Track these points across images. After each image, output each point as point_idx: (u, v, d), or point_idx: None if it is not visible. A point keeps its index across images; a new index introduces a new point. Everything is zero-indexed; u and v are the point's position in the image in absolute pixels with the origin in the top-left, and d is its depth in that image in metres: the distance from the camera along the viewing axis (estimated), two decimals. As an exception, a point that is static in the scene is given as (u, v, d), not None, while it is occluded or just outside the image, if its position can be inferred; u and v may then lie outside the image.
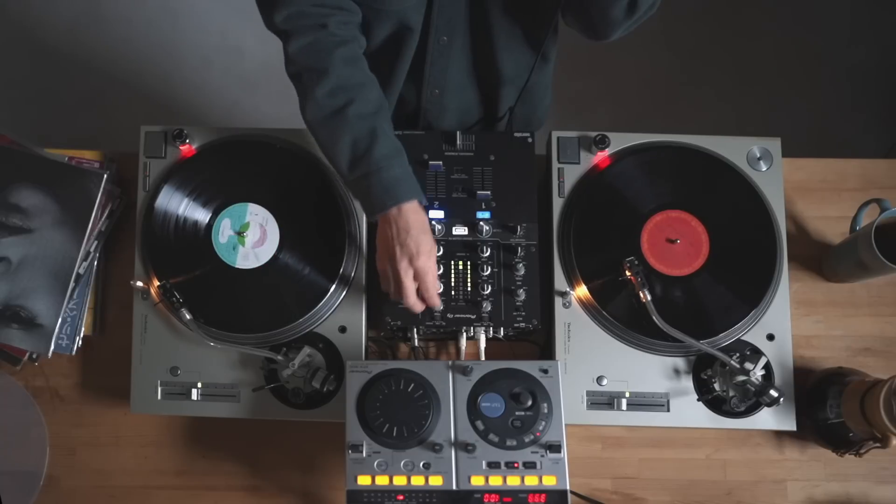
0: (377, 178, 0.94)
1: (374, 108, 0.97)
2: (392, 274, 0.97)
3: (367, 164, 0.94)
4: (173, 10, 2.41)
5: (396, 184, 0.95)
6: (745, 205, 1.09)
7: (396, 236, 0.95)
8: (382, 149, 0.94)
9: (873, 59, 2.35)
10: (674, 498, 1.11)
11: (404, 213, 0.95)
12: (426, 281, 0.97)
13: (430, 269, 0.97)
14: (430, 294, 0.98)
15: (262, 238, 1.07)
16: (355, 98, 0.95)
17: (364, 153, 0.94)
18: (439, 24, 1.02)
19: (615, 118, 2.30)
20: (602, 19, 0.95)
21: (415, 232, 0.95)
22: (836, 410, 1.03)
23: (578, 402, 1.04)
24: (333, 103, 0.95)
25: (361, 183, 0.95)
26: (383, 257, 0.98)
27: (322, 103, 0.95)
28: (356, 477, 0.93)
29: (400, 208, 0.94)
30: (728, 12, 2.39)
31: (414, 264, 0.95)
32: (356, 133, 0.94)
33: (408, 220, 0.95)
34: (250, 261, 1.06)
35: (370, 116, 0.96)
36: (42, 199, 1.11)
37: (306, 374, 1.04)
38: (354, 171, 0.95)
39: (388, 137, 0.96)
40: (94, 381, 1.15)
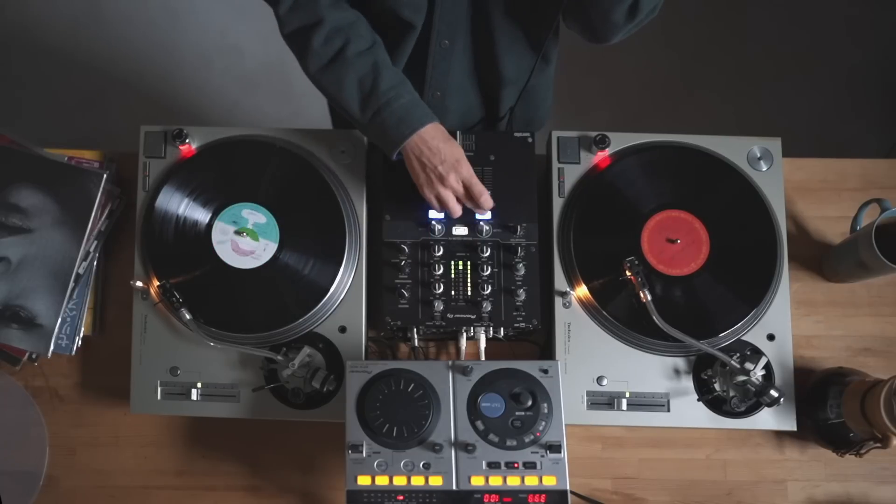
0: (389, 111, 0.96)
1: (369, 43, 0.99)
2: (446, 192, 1.00)
3: (376, 99, 0.96)
4: (173, 10, 2.41)
5: (409, 110, 0.97)
6: (746, 205, 1.09)
7: (433, 156, 0.97)
8: (388, 80, 0.97)
9: (873, 59, 2.35)
10: (674, 498, 1.11)
11: (428, 134, 0.97)
12: (476, 185, 1.00)
13: (473, 174, 1.00)
14: (485, 196, 1.01)
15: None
16: (351, 38, 0.97)
17: (371, 89, 0.96)
18: (441, 27, 1.03)
19: (615, 118, 2.30)
20: (603, 23, 0.96)
21: (444, 146, 0.98)
22: (836, 410, 1.03)
23: (578, 402, 1.04)
24: (331, 49, 0.97)
25: (376, 120, 0.97)
26: (429, 183, 1.00)
27: (321, 52, 0.97)
28: (356, 477, 0.93)
29: (421, 132, 0.97)
30: (728, 12, 2.39)
31: (461, 173, 0.99)
32: (360, 71, 0.97)
33: (435, 138, 0.97)
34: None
35: (368, 52, 0.98)
36: (42, 199, 1.11)
37: (306, 374, 1.04)
38: (367, 109, 0.97)
39: (388, 67, 0.99)
40: (93, 381, 1.15)
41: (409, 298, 1.04)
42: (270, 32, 1.01)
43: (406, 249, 1.05)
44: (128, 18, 2.40)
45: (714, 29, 2.38)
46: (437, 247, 1.05)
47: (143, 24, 2.40)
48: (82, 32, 2.39)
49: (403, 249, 1.05)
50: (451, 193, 1.00)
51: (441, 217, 1.07)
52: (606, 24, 0.96)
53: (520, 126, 1.25)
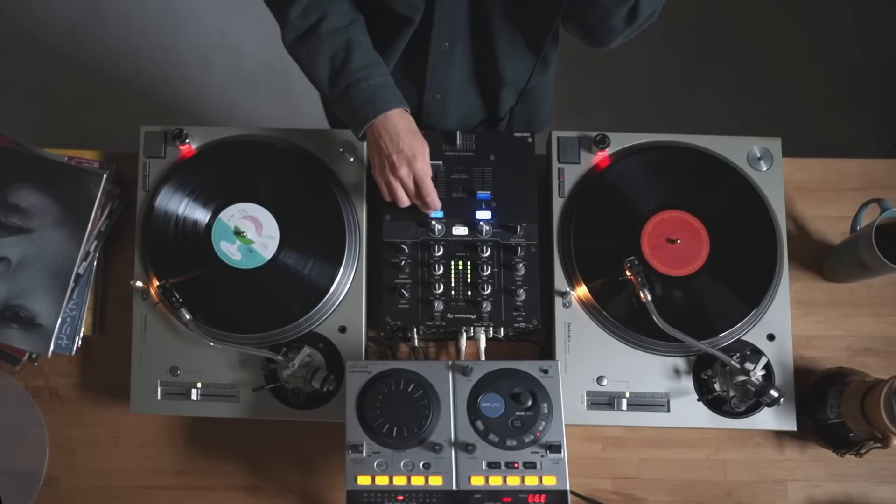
0: (357, 90, 0.96)
1: (346, 21, 0.99)
2: (395, 181, 0.99)
3: (346, 76, 0.96)
4: (173, 11, 2.41)
5: (377, 92, 0.96)
6: (746, 205, 1.09)
7: (391, 143, 0.96)
8: (359, 60, 0.96)
9: (873, 59, 2.35)
10: (674, 498, 1.11)
11: (392, 120, 0.96)
12: (426, 185, 0.99)
13: (427, 172, 0.99)
14: (432, 197, 1.00)
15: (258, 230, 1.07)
16: (327, 13, 0.97)
17: (342, 66, 0.96)
18: (441, 29, 1.02)
19: (615, 118, 2.30)
20: (601, 27, 0.96)
21: (406, 136, 0.96)
22: (836, 410, 1.03)
23: (578, 402, 1.04)
24: (307, 22, 0.97)
25: (343, 98, 0.97)
26: (381, 168, 0.99)
27: (297, 24, 0.97)
28: (356, 477, 0.93)
29: (386, 116, 0.96)
30: (728, 12, 2.39)
31: (413, 168, 0.97)
32: (332, 48, 0.97)
33: (396, 126, 0.96)
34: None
35: (343, 29, 0.98)
36: (42, 199, 1.11)
37: (306, 374, 1.04)
38: (335, 86, 0.97)
39: (363, 48, 0.98)
40: (93, 381, 1.15)
41: (409, 298, 1.04)
42: (270, 32, 1.01)
43: (406, 249, 1.05)
44: (128, 18, 2.40)
45: (714, 29, 2.38)
46: (437, 247, 1.05)
47: (142, 24, 2.40)
48: (82, 32, 2.39)
49: (403, 249, 1.05)
50: (398, 184, 0.99)
51: (441, 217, 1.07)
52: (605, 29, 0.96)
53: (520, 127, 1.25)
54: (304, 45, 0.98)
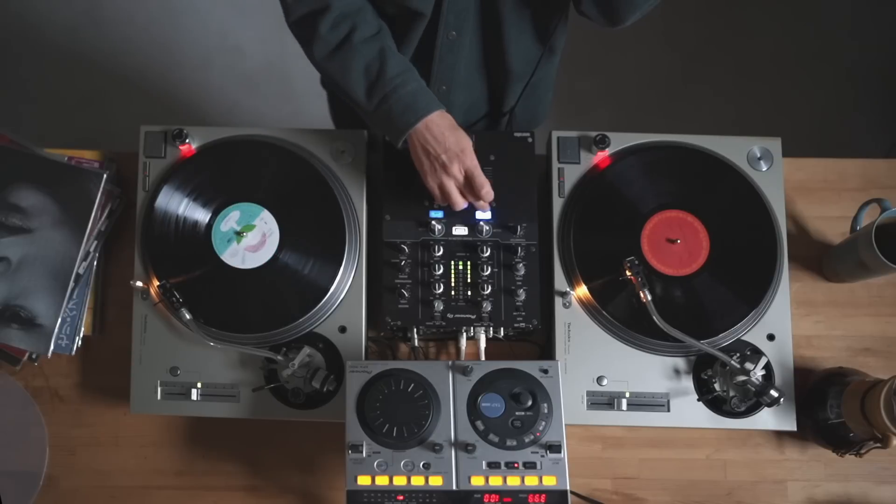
0: (396, 98, 0.96)
1: (376, 29, 0.99)
2: (449, 182, 0.99)
3: (383, 86, 0.96)
4: (174, 10, 2.40)
5: (416, 98, 0.97)
6: (746, 205, 1.09)
7: (438, 145, 0.97)
8: (394, 67, 0.97)
9: (874, 59, 2.35)
10: (674, 498, 1.11)
11: (434, 122, 0.97)
12: (478, 176, 0.99)
13: (477, 164, 0.99)
14: (486, 188, 0.99)
15: (262, 242, 1.07)
16: (357, 24, 0.97)
17: (378, 76, 0.96)
18: (449, 18, 1.02)
19: (615, 118, 2.30)
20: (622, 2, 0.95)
21: (450, 135, 0.97)
22: (836, 410, 1.03)
23: (578, 402, 1.04)
24: (338, 34, 0.97)
25: (382, 108, 0.97)
26: (432, 171, 0.99)
27: (328, 38, 0.97)
28: (356, 477, 0.93)
29: (427, 120, 0.96)
30: (728, 12, 2.39)
31: (464, 163, 0.98)
32: (366, 57, 0.97)
33: (441, 126, 0.97)
34: (246, 261, 1.06)
35: (374, 38, 0.98)
36: (42, 199, 1.11)
37: (306, 374, 1.04)
38: (373, 96, 0.97)
39: (395, 54, 0.98)
40: (93, 381, 1.15)
41: (409, 298, 1.04)
42: (270, 32, 1.01)
43: (406, 249, 1.05)
44: (128, 18, 2.40)
45: (714, 28, 2.38)
46: (437, 247, 1.05)
47: (143, 23, 2.40)
48: (82, 32, 2.39)
49: (403, 249, 1.05)
50: (453, 183, 0.99)
51: (441, 217, 1.07)
52: (626, 3, 0.95)
53: (521, 124, 1.25)
54: (337, 59, 0.98)
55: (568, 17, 1.10)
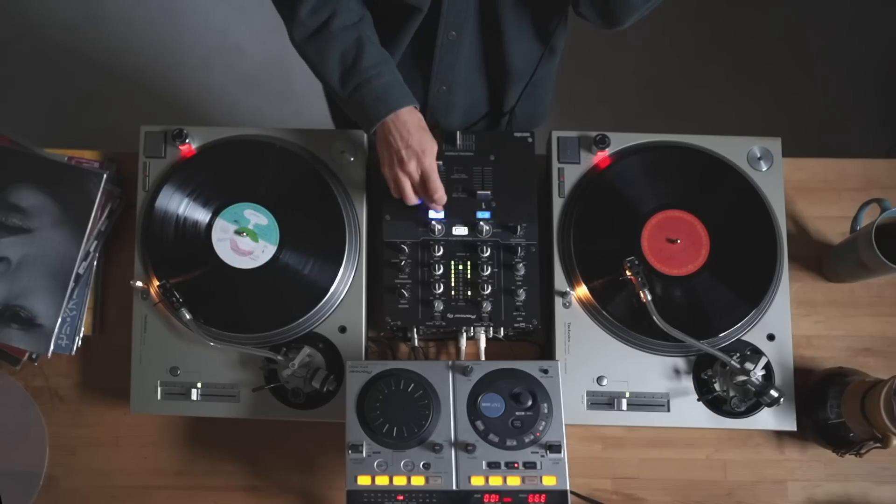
0: (369, 88, 0.97)
1: (356, 18, 0.99)
2: (403, 176, 1.00)
3: (357, 74, 0.97)
4: (174, 10, 2.40)
5: (388, 90, 0.97)
6: (746, 205, 1.09)
7: (400, 139, 0.97)
8: (370, 57, 0.97)
9: (874, 59, 2.35)
10: (674, 498, 1.11)
11: (402, 117, 0.97)
12: (433, 179, 1.00)
13: (434, 168, 1.00)
14: (439, 193, 1.01)
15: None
16: (337, 10, 0.97)
17: (353, 64, 0.97)
18: (449, 18, 1.02)
19: (615, 118, 2.30)
20: (620, 4, 0.95)
21: (416, 132, 0.97)
22: (836, 410, 1.03)
23: (578, 402, 1.04)
24: (317, 20, 0.97)
25: (355, 96, 0.98)
26: (390, 164, 1.00)
27: (306, 21, 0.97)
28: (356, 477, 0.93)
29: (397, 114, 0.97)
30: (729, 12, 2.39)
31: (422, 165, 0.98)
32: (343, 45, 0.97)
33: (407, 123, 0.97)
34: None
35: (354, 26, 0.98)
36: (42, 199, 1.11)
37: (306, 374, 1.04)
38: (347, 84, 0.98)
39: (373, 45, 0.99)
40: (93, 381, 1.15)
41: (409, 298, 1.04)
42: (270, 32, 1.01)
43: (406, 249, 1.05)
44: (128, 18, 2.40)
45: (714, 29, 2.38)
46: (437, 247, 1.05)
47: (143, 23, 2.40)
48: (82, 32, 2.39)
49: (403, 249, 1.05)
50: (407, 179, 1.00)
51: (441, 217, 1.07)
52: (624, 5, 0.95)
53: (521, 124, 1.25)
54: (314, 43, 0.98)
55: (568, 17, 1.10)
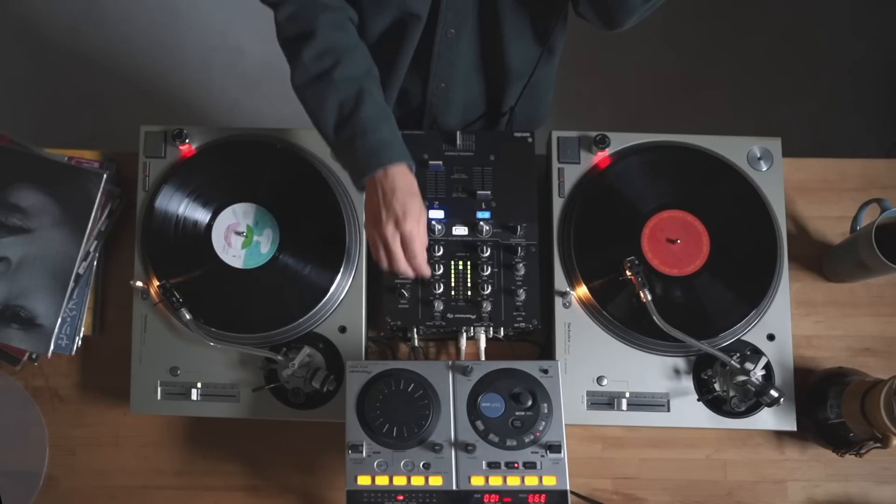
0: (362, 140, 0.92)
1: (361, 72, 0.96)
2: (379, 239, 0.94)
3: (352, 125, 0.92)
4: (174, 10, 2.40)
5: (382, 146, 0.92)
6: (746, 205, 1.09)
7: (382, 199, 0.92)
8: (369, 111, 0.93)
9: (874, 59, 2.35)
10: (674, 498, 1.11)
11: (391, 176, 0.92)
12: (413, 247, 0.93)
13: (416, 235, 0.93)
14: (417, 262, 0.94)
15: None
16: (342, 60, 0.95)
17: (350, 114, 0.93)
18: (448, 16, 1.02)
19: (615, 118, 2.29)
20: (619, 6, 0.93)
21: (401, 194, 0.92)
22: (836, 410, 1.03)
23: (578, 402, 1.04)
24: (320, 66, 0.95)
25: (348, 146, 0.93)
26: (370, 222, 0.95)
27: (309, 66, 0.95)
28: (356, 477, 0.93)
29: (386, 171, 0.92)
30: (729, 12, 2.39)
31: (400, 228, 0.92)
32: (342, 95, 0.94)
33: (394, 183, 0.92)
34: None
35: (357, 79, 0.95)
36: (42, 199, 1.11)
37: (306, 374, 1.04)
38: (340, 133, 0.94)
39: (375, 100, 0.95)
40: (93, 381, 1.15)
41: (409, 298, 1.04)
42: (270, 32, 1.01)
43: (406, 249, 1.05)
44: (128, 18, 2.40)
45: (714, 29, 2.38)
46: (437, 247, 1.05)
47: (143, 23, 2.40)
48: (82, 32, 2.39)
49: (403, 249, 1.05)
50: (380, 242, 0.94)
51: (441, 217, 1.07)
52: (623, 8, 0.93)
53: (522, 124, 1.25)
54: (314, 88, 0.95)
55: (567, 18, 1.10)
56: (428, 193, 1.08)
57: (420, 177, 1.07)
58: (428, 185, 1.08)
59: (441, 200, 1.08)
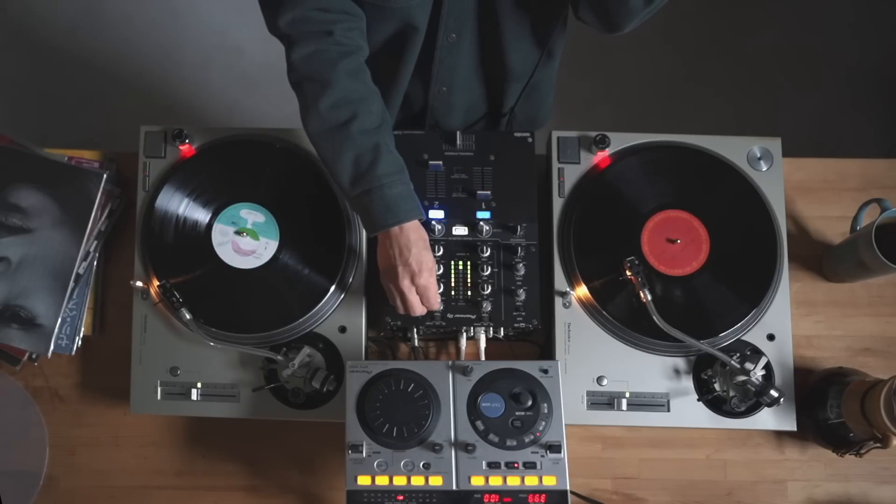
0: (379, 195, 0.94)
1: (377, 123, 0.96)
2: (396, 291, 0.98)
3: (369, 181, 0.93)
4: (174, 10, 2.40)
5: (399, 202, 0.94)
6: (746, 205, 1.09)
7: (399, 255, 0.95)
8: (385, 166, 0.94)
9: (874, 59, 2.35)
10: (674, 498, 1.11)
11: (406, 232, 0.95)
12: (428, 297, 0.98)
13: (431, 285, 0.98)
14: (430, 304, 0.99)
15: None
16: (358, 112, 0.94)
17: (367, 170, 0.94)
18: (448, 22, 1.02)
19: (615, 118, 2.30)
20: (619, 10, 0.93)
21: (416, 250, 0.95)
22: (836, 410, 1.03)
23: (578, 402, 1.04)
24: (337, 117, 0.94)
25: (363, 199, 0.95)
26: (387, 275, 0.99)
27: (325, 116, 0.94)
28: (356, 477, 0.93)
29: (402, 227, 0.95)
30: (729, 11, 2.39)
31: (416, 282, 0.96)
32: (359, 149, 0.94)
33: (409, 239, 0.95)
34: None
35: (373, 132, 0.95)
36: (42, 199, 1.11)
37: (306, 374, 1.04)
38: (356, 187, 0.94)
39: (390, 153, 0.96)
40: (93, 381, 1.15)
41: (409, 298, 1.04)
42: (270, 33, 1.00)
43: (406, 249, 1.05)
44: (128, 18, 2.40)
45: (715, 29, 2.38)
46: (437, 247, 1.05)
47: (143, 24, 2.40)
48: (82, 32, 2.39)
49: (403, 249, 1.05)
50: (398, 294, 0.98)
51: (441, 217, 1.07)
52: (623, 12, 0.93)
53: (523, 125, 1.25)
54: (330, 139, 0.95)
55: (567, 21, 1.10)
56: (428, 193, 1.08)
57: (420, 177, 1.07)
58: (428, 185, 1.08)
59: (441, 200, 1.08)
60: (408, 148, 1.04)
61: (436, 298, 0.99)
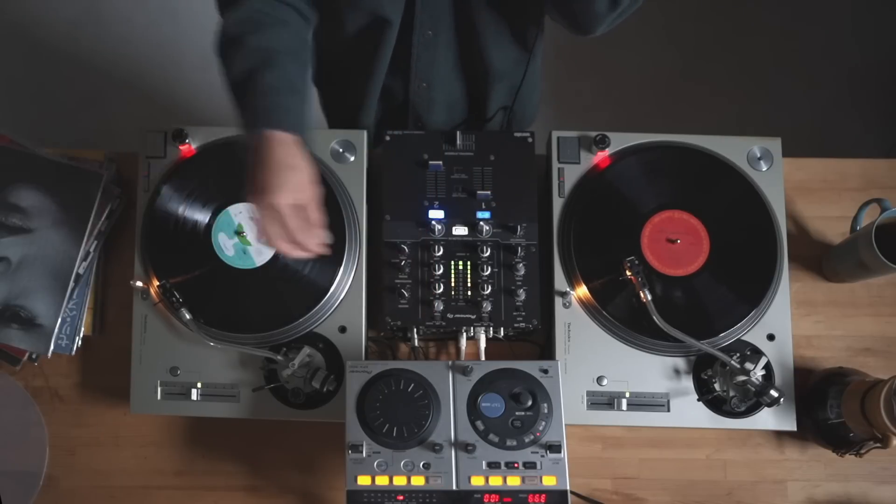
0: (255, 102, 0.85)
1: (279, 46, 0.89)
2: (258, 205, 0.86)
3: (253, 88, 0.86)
4: (174, 10, 2.40)
5: (273, 111, 0.85)
6: (746, 205, 1.09)
7: (250, 166, 0.84)
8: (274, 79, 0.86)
9: (874, 59, 2.35)
10: (674, 498, 1.11)
11: (266, 142, 0.84)
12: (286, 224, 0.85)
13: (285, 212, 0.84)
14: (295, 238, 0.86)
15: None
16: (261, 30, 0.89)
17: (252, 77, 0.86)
18: (423, 18, 1.02)
19: (615, 118, 2.29)
20: (585, 13, 0.94)
21: (273, 165, 0.83)
22: (836, 410, 1.03)
23: (578, 402, 1.04)
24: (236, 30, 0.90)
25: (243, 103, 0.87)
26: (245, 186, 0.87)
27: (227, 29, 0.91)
28: (356, 477, 0.93)
29: (264, 135, 0.84)
30: (729, 11, 2.39)
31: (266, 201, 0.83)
32: (253, 62, 0.87)
33: (269, 151, 0.83)
34: (249, 260, 1.06)
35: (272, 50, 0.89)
36: (42, 199, 1.11)
37: (306, 374, 1.04)
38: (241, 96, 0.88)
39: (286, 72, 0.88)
40: (93, 381, 1.15)
41: (409, 298, 1.04)
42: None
43: (406, 249, 1.05)
44: (128, 18, 2.40)
45: (715, 28, 2.38)
46: (437, 247, 1.05)
47: (143, 24, 2.40)
48: (82, 32, 2.39)
49: (403, 249, 1.05)
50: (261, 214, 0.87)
51: (441, 217, 1.07)
52: (589, 15, 0.93)
53: (513, 123, 1.25)
54: (225, 49, 0.91)
55: (544, 21, 1.10)
56: (428, 193, 1.08)
57: (420, 177, 1.07)
58: (428, 185, 1.08)
59: (441, 200, 1.08)
60: (408, 148, 1.04)
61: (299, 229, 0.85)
